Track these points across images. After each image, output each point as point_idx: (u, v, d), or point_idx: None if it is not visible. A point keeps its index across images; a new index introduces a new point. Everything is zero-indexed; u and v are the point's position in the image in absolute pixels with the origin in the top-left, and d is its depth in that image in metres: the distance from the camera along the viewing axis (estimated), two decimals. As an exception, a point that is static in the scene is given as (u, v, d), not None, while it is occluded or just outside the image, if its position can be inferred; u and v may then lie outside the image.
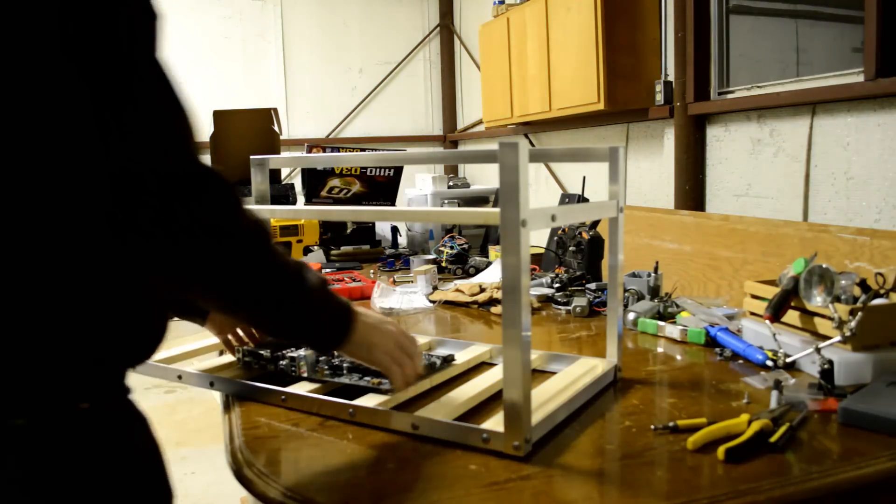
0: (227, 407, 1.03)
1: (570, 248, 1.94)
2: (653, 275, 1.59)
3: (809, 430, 0.88)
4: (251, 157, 1.48)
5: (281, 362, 1.10)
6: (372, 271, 2.26)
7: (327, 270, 2.23)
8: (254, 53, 5.99)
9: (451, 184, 2.98)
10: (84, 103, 0.66)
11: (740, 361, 1.19)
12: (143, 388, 3.98)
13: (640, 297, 1.55)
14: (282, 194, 2.64)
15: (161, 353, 1.26)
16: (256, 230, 0.78)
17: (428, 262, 2.13)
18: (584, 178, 2.38)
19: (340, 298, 0.90)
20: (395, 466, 0.81)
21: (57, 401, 0.70)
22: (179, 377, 1.15)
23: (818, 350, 1.03)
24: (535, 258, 2.19)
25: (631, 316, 1.42)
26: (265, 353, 1.12)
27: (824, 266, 1.10)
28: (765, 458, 0.80)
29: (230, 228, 0.75)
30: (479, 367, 1.19)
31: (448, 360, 1.14)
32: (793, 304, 1.15)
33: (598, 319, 1.55)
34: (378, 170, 2.49)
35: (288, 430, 0.94)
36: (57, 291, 0.68)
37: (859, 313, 1.03)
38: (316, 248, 2.47)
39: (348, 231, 2.61)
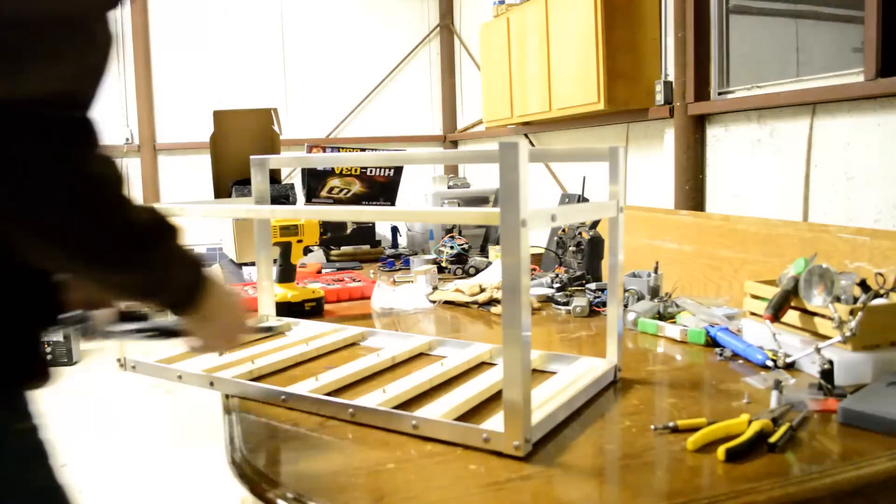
0: (227, 407, 1.03)
1: (570, 248, 1.94)
2: (653, 275, 1.59)
3: (809, 430, 0.88)
4: (251, 157, 1.48)
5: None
6: (372, 271, 2.26)
7: (327, 270, 2.24)
8: (254, 53, 5.99)
9: (451, 184, 2.98)
10: None
11: (740, 361, 1.19)
12: (143, 388, 3.98)
13: (640, 297, 1.55)
14: (282, 194, 2.64)
15: (161, 353, 1.26)
16: (105, 175, 0.72)
17: (428, 262, 2.13)
18: (584, 178, 2.38)
19: (198, 260, 0.86)
20: (395, 466, 0.81)
21: None
22: (179, 377, 1.15)
23: (818, 350, 1.03)
24: (535, 258, 2.19)
25: (631, 316, 1.42)
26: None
27: (824, 266, 1.10)
28: (765, 458, 0.80)
29: (74, 169, 0.69)
30: (479, 367, 1.19)
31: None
32: (793, 304, 1.15)
33: (598, 319, 1.55)
34: (378, 170, 2.49)
35: (288, 430, 0.94)
36: None
37: (859, 313, 1.03)
38: (316, 248, 2.47)
39: (348, 231, 2.61)
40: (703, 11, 3.24)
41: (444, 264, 2.16)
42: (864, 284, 1.15)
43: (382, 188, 2.52)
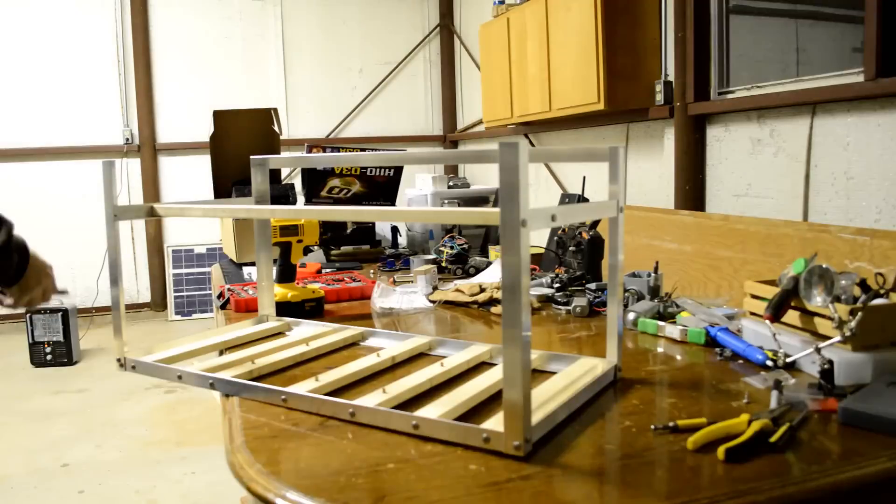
0: (226, 407, 1.03)
1: (570, 248, 1.94)
2: (653, 275, 1.59)
3: (809, 430, 0.88)
4: (251, 157, 1.48)
5: None
6: (372, 271, 2.26)
7: (327, 270, 2.24)
8: (254, 53, 5.99)
9: (451, 184, 2.98)
10: None
11: (740, 361, 1.19)
12: (144, 388, 3.98)
13: (640, 297, 1.55)
14: (282, 194, 2.64)
15: (161, 353, 1.26)
16: None
17: (428, 262, 2.13)
18: (584, 178, 2.38)
19: (23, 244, 1.07)
20: (395, 466, 0.81)
21: None
22: (179, 377, 1.15)
23: (818, 350, 1.03)
24: (535, 258, 2.19)
25: (631, 316, 1.42)
26: None
27: (824, 266, 1.10)
28: (765, 458, 0.80)
29: None
30: (479, 367, 1.19)
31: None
32: (793, 304, 1.15)
33: (598, 319, 1.55)
34: (378, 170, 2.49)
35: (288, 430, 0.94)
36: None
37: (859, 313, 1.03)
38: (316, 248, 2.47)
39: (348, 231, 2.61)
40: (703, 11, 3.25)
41: (444, 264, 2.16)
42: (864, 284, 1.15)
43: (382, 188, 2.53)
